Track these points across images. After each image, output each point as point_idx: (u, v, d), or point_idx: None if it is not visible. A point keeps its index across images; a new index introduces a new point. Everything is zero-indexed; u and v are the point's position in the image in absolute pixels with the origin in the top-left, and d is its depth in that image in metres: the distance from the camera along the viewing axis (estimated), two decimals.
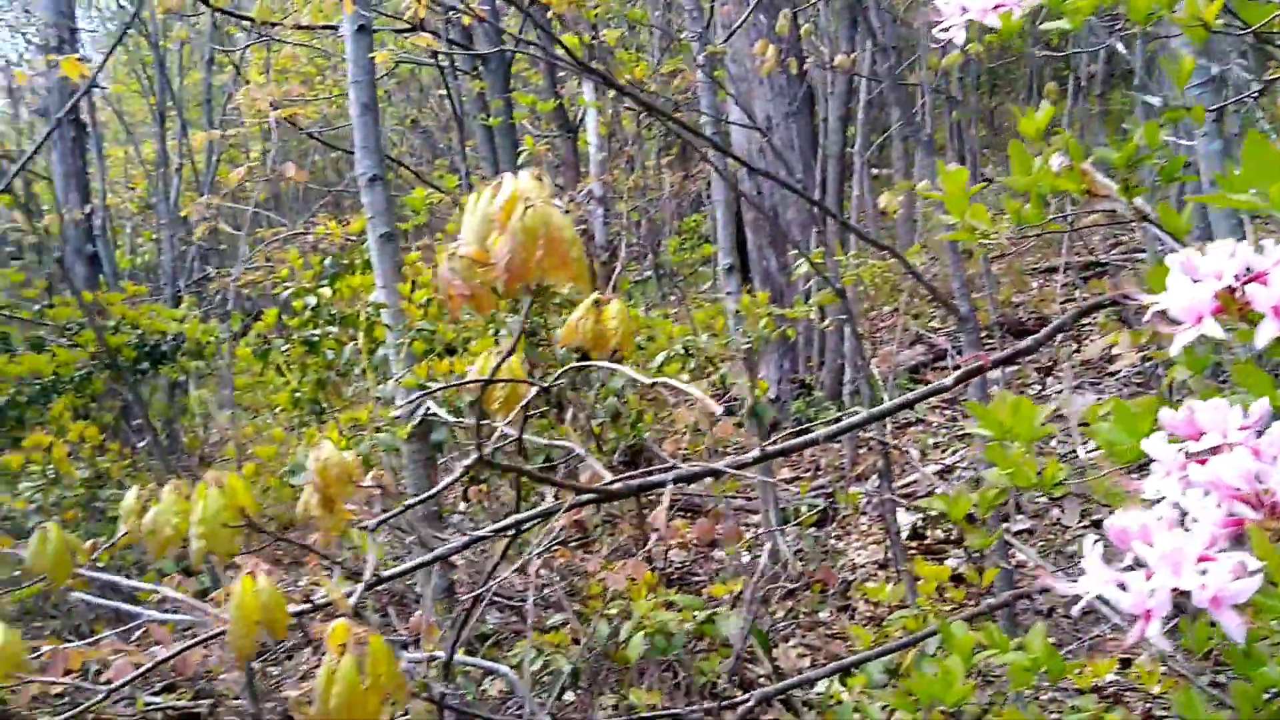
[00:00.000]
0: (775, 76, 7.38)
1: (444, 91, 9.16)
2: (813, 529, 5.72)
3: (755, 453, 1.87)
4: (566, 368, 1.48)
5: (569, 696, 4.24)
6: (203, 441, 8.49)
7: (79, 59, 6.01)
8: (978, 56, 7.72)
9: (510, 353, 1.42)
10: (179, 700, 5.53)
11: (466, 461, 1.44)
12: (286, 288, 6.68)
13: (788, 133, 7.71)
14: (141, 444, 6.36)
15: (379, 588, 1.95)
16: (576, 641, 3.65)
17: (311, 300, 4.52)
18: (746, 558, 5.51)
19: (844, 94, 7.77)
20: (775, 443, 1.87)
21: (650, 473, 1.88)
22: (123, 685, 1.76)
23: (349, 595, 1.32)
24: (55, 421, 6.07)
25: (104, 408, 6.87)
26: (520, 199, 1.09)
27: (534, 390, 1.52)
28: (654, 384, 1.50)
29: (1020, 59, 14.67)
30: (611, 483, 1.81)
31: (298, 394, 4.55)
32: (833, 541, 5.84)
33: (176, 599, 3.11)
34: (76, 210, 7.24)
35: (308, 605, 1.41)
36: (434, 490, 1.67)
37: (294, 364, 4.53)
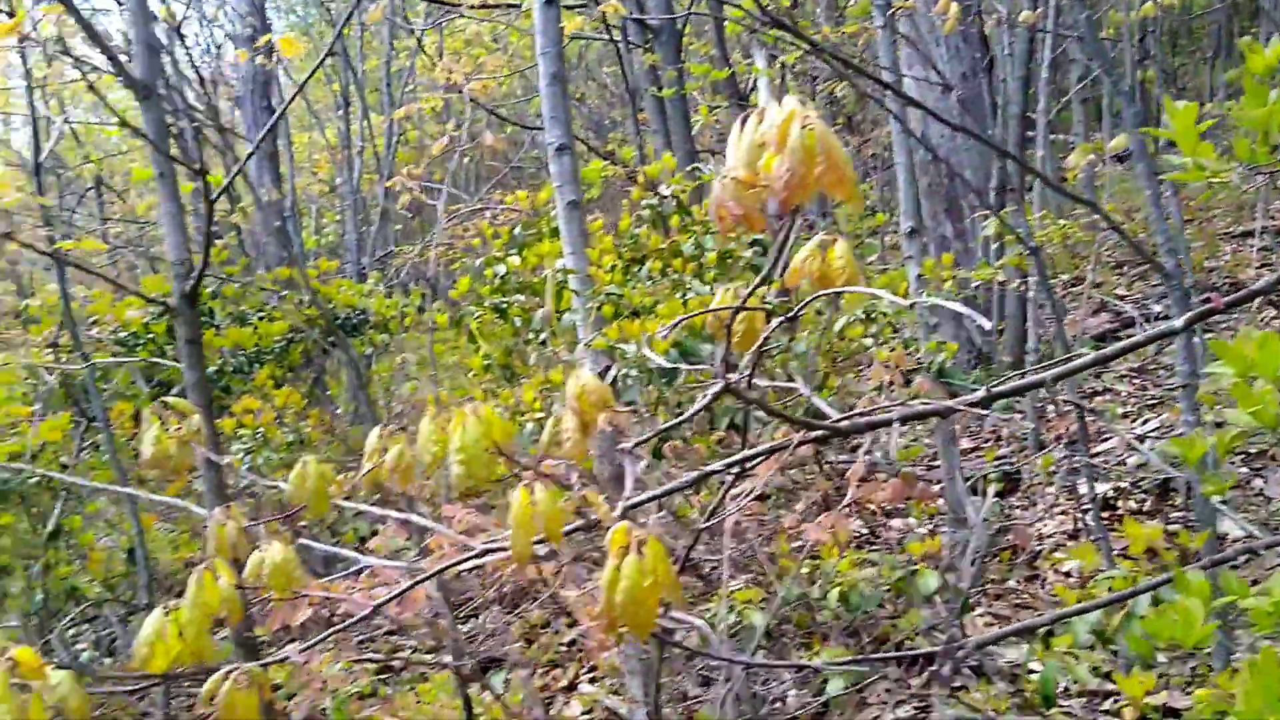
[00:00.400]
0: (952, 37, 7.21)
1: (609, 68, 9.26)
2: (997, 498, 5.60)
3: (981, 392, 1.86)
4: (813, 296, 1.51)
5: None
6: (387, 412, 8.86)
7: (270, 48, 6.31)
8: (1166, 7, 7.35)
9: (761, 282, 1.45)
10: (375, 654, 5.82)
11: (714, 388, 1.49)
12: (465, 263, 6.90)
13: (966, 94, 7.52)
14: (338, 410, 6.70)
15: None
16: (767, 599, 3.68)
17: (501, 269, 4.67)
18: (927, 527, 5.45)
19: (1024, 54, 7.51)
20: (1002, 383, 1.86)
21: (874, 410, 1.89)
22: (381, 606, 1.88)
23: (613, 512, 1.39)
24: (258, 390, 6.44)
25: (300, 378, 7.25)
26: (797, 117, 1.12)
27: (775, 324, 1.55)
28: (913, 305, 1.50)
29: (1203, 15, 13.97)
30: (839, 420, 1.82)
31: (488, 360, 4.71)
32: (1018, 511, 5.72)
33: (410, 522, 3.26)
34: (274, 191, 7.63)
35: (580, 522, 1.48)
36: (684, 416, 1.72)
37: (486, 331, 4.68)
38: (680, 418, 1.70)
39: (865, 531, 5.62)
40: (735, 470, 1.89)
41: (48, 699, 1.40)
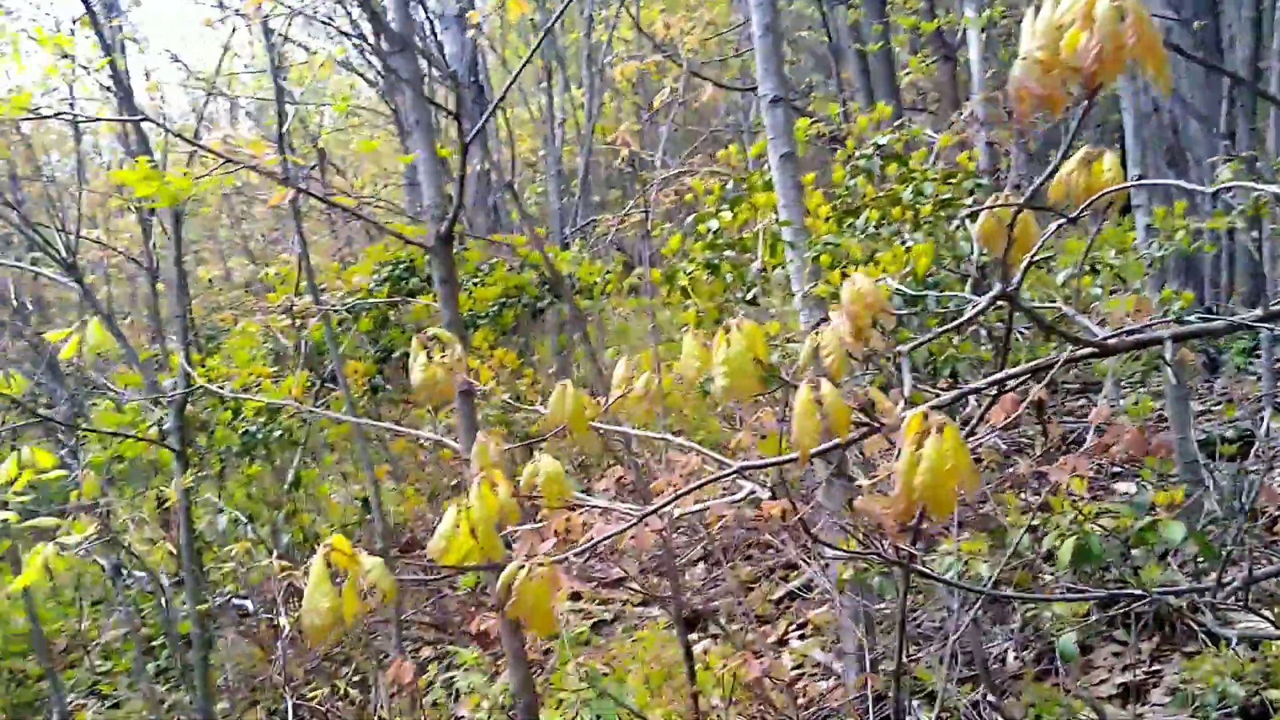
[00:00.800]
0: None
1: (804, 32, 9.16)
2: (1232, 460, 5.30)
3: (1259, 311, 1.77)
4: (1093, 197, 1.47)
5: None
6: (587, 376, 9.07)
7: (478, 25, 6.51)
8: None
9: (1030, 196, 1.43)
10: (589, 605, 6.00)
11: (992, 293, 1.47)
12: (665, 229, 6.95)
13: (1189, 36, 7.09)
14: (550, 371, 6.92)
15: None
16: (995, 550, 3.60)
17: (714, 224, 4.70)
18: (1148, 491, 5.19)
19: None
20: None
21: (1143, 329, 1.83)
22: (636, 524, 1.94)
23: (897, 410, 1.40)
24: (475, 351, 6.72)
25: (511, 341, 7.52)
26: None
27: (1053, 227, 1.52)
28: (1216, 192, 1.45)
29: None
30: (1107, 338, 1.77)
31: (701, 315, 4.76)
32: (1253, 476, 5.39)
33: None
34: (488, 164, 7.89)
35: (866, 427, 1.49)
36: (955, 324, 1.70)
37: (698, 286, 4.74)
38: (954, 323, 1.69)
39: (1087, 497, 5.41)
40: (993, 392, 1.86)
41: (361, 582, 1.52)
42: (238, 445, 5.64)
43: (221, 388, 5.75)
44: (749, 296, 4.84)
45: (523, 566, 1.51)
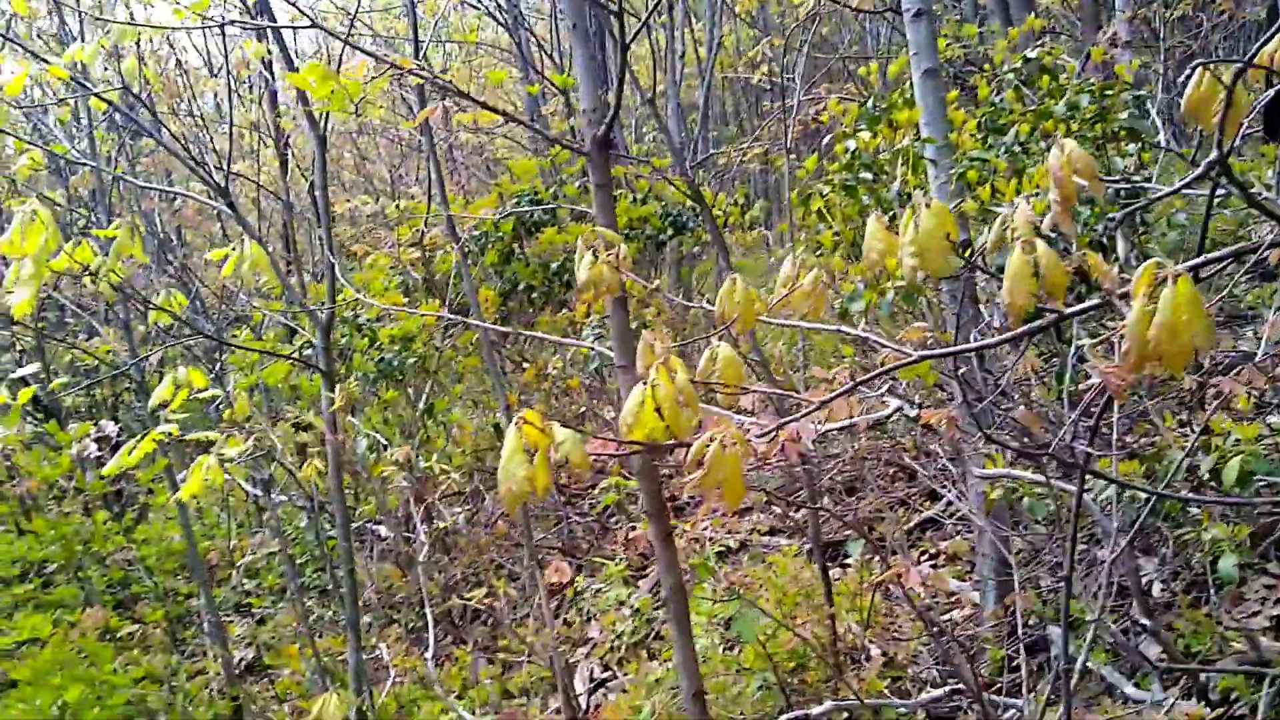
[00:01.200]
0: None
1: None
2: None
3: None
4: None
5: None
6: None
7: None
8: None
9: (1251, 57, 1.35)
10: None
11: (1208, 159, 1.40)
12: (786, 161, 6.83)
13: None
14: (674, 299, 6.92)
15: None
16: (1148, 475, 3.50)
17: (851, 144, 4.61)
18: None
19: None
20: None
21: None
22: (799, 418, 1.92)
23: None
24: None
25: (636, 272, 7.53)
26: None
27: (1269, 93, 1.44)
28: None
29: None
30: None
31: (837, 237, 4.70)
32: None
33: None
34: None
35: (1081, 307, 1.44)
36: (1153, 199, 1.63)
37: (833, 209, 4.66)
38: (1163, 193, 1.61)
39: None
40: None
41: (554, 455, 1.53)
42: (373, 373, 5.79)
43: (357, 315, 5.90)
44: (888, 219, 4.75)
45: (712, 440, 1.51)
